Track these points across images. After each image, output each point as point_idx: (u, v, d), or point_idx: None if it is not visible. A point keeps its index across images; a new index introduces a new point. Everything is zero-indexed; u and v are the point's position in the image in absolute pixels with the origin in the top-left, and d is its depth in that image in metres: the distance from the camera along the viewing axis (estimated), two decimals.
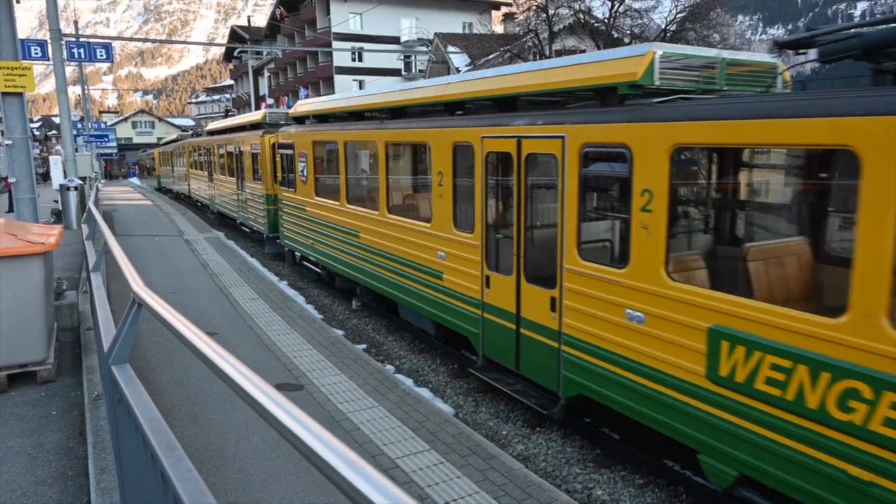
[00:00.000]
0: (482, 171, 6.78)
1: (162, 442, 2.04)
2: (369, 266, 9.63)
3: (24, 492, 4.52)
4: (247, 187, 17.20)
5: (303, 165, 11.99)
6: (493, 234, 6.81)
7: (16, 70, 9.82)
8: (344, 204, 10.36)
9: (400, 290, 8.80)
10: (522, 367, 6.45)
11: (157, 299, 2.80)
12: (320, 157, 11.83)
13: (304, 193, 12.04)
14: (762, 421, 4.08)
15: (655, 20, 29.71)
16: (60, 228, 7.65)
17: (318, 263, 12.22)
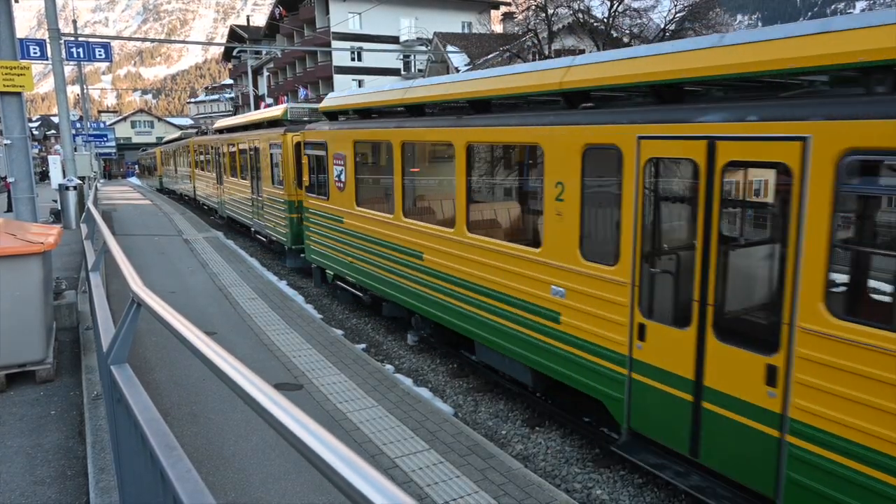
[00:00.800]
0: (637, 184, 5.01)
1: (161, 442, 2.03)
2: (436, 294, 7.76)
3: (22, 491, 4.51)
4: (264, 192, 15.28)
5: (339, 169, 9.97)
6: (653, 269, 5.10)
7: (14, 69, 9.81)
8: (400, 217, 8.40)
9: (481, 327, 6.98)
10: (704, 455, 4.69)
11: (156, 299, 2.80)
12: (364, 160, 10.05)
13: (341, 202, 9.99)
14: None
15: (654, 20, 29.74)
16: (59, 228, 7.64)
17: (358, 285, 10.17)
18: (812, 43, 3.95)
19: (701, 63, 4.60)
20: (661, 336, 4.90)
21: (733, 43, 4.43)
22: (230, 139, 18.88)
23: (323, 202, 10.77)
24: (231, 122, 20.52)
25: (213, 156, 21.97)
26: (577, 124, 5.62)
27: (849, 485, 3.75)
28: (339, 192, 10.12)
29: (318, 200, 11.03)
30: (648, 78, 5.01)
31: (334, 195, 10.31)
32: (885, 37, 3.58)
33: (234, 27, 68.02)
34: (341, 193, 10.06)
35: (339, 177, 10.07)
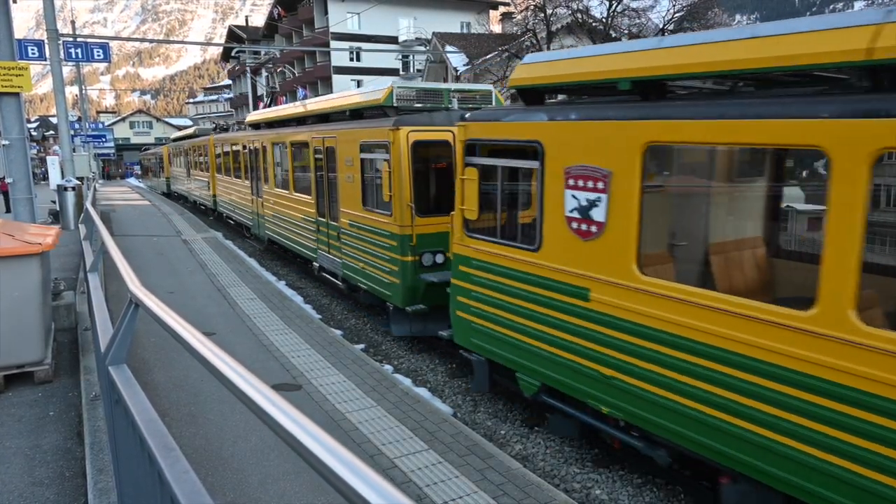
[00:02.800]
0: None
1: (159, 442, 2.03)
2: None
3: (21, 492, 4.51)
4: (345, 215, 10.15)
5: (585, 199, 5.25)
6: None
7: (13, 70, 9.80)
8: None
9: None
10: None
11: (155, 299, 2.80)
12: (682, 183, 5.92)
13: (586, 259, 5.29)
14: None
15: (653, 19, 29.76)
16: (58, 229, 7.64)
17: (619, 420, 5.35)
18: None
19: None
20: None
21: None
22: (278, 136, 13.84)
23: (523, 255, 5.88)
24: (280, 114, 14.71)
25: (246, 158, 16.97)
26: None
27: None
28: (575, 239, 5.36)
29: (506, 251, 6.10)
30: None
31: (559, 244, 5.50)
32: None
33: (233, 27, 68.01)
34: (586, 244, 5.27)
35: (583, 212, 5.29)
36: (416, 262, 8.45)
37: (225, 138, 20.42)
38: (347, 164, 9.86)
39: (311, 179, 11.76)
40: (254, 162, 16.19)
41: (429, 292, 8.38)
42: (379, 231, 9.00)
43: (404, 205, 8.37)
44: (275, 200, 14.45)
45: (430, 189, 8.81)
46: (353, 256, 10.01)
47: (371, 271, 9.40)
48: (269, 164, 14.70)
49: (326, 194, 11.02)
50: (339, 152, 10.19)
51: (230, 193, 19.71)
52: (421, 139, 8.45)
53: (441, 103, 9.18)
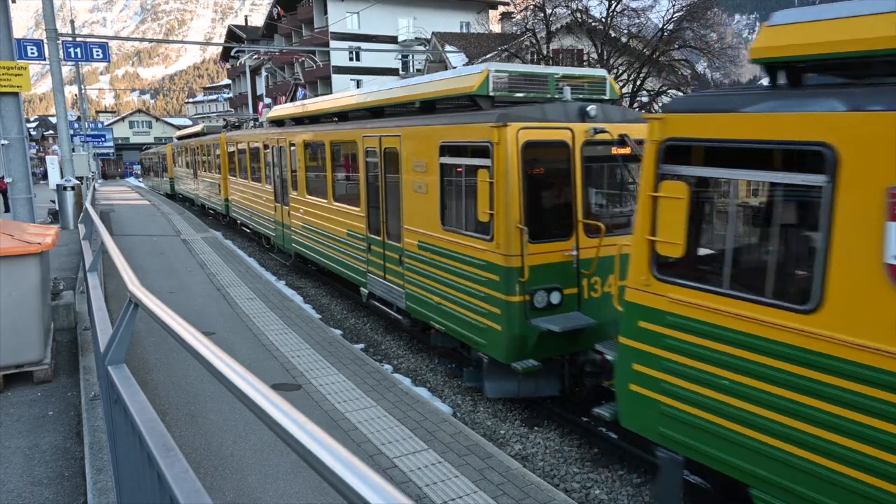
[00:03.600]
0: None
1: (158, 442, 2.03)
2: None
3: (20, 492, 4.50)
4: (415, 236, 7.98)
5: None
6: None
7: (12, 70, 9.79)
8: None
9: None
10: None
11: (154, 299, 2.80)
12: None
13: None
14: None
15: (653, 19, 29.77)
16: (57, 228, 7.63)
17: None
18: None
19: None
20: None
21: None
22: (311, 135, 11.72)
23: (780, 317, 3.77)
24: (313, 108, 12.35)
25: (267, 159, 14.80)
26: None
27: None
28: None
29: (739, 307, 4.00)
30: None
31: (865, 306, 3.41)
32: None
33: (233, 27, 68.01)
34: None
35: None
36: (525, 304, 6.26)
37: (240, 136, 18.08)
38: (418, 170, 7.71)
39: (359, 188, 9.52)
40: (278, 164, 13.89)
41: (541, 343, 6.33)
42: (470, 260, 6.81)
43: (511, 227, 6.21)
44: (306, 210, 12.15)
45: (546, 206, 6.81)
46: (425, 287, 7.80)
47: (454, 310, 7.18)
48: (298, 166, 12.36)
49: (382, 207, 8.80)
50: (404, 155, 8.03)
51: (246, 198, 17.44)
52: (535, 139, 6.37)
53: (545, 93, 7.17)
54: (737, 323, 3.99)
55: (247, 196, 17.35)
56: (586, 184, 6.68)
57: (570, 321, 6.29)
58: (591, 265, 6.54)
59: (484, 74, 6.93)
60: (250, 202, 17.02)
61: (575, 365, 6.70)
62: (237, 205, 18.90)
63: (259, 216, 16.22)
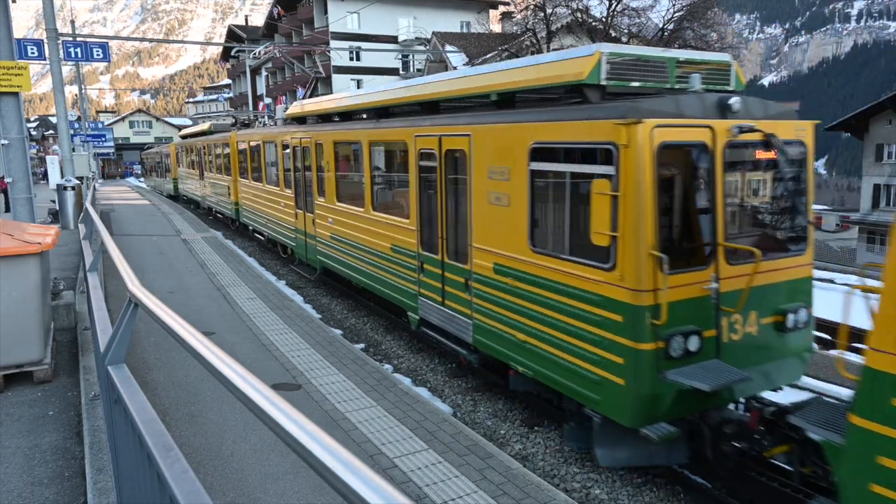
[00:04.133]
0: None
1: (158, 442, 2.03)
2: None
3: (20, 492, 4.50)
4: (489, 257, 6.67)
5: None
6: None
7: (12, 69, 9.79)
8: None
9: None
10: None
11: (154, 299, 2.80)
12: None
13: None
14: None
15: (653, 19, 29.77)
16: (57, 228, 7.63)
17: None
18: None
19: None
20: None
21: None
22: (343, 134, 10.51)
23: None
24: (345, 103, 10.84)
25: (287, 161, 13.29)
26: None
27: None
28: None
29: None
30: None
31: None
32: None
33: (233, 27, 68.04)
34: None
35: None
36: (659, 353, 4.95)
37: (253, 135, 16.60)
38: (496, 178, 6.38)
39: (409, 196, 8.18)
40: (300, 166, 12.41)
41: (676, 401, 5.07)
42: (576, 293, 5.43)
43: (643, 254, 4.88)
44: (337, 219, 10.70)
45: (681, 226, 5.55)
46: (502, 320, 6.41)
47: (548, 352, 5.79)
48: (327, 169, 10.96)
49: (441, 220, 7.52)
50: (474, 158, 6.71)
51: (261, 203, 15.95)
52: (672, 140, 5.05)
53: (664, 82, 5.82)
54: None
55: (261, 200, 15.86)
56: (727, 197, 5.40)
57: (720, 376, 4.89)
58: (737, 301, 5.15)
59: (595, 58, 5.44)
60: (265, 207, 15.49)
61: (708, 424, 5.27)
62: (249, 209, 17.45)
63: (276, 223, 14.66)
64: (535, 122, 5.89)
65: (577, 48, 5.75)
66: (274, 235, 15.13)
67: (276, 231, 14.75)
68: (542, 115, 5.88)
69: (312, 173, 11.69)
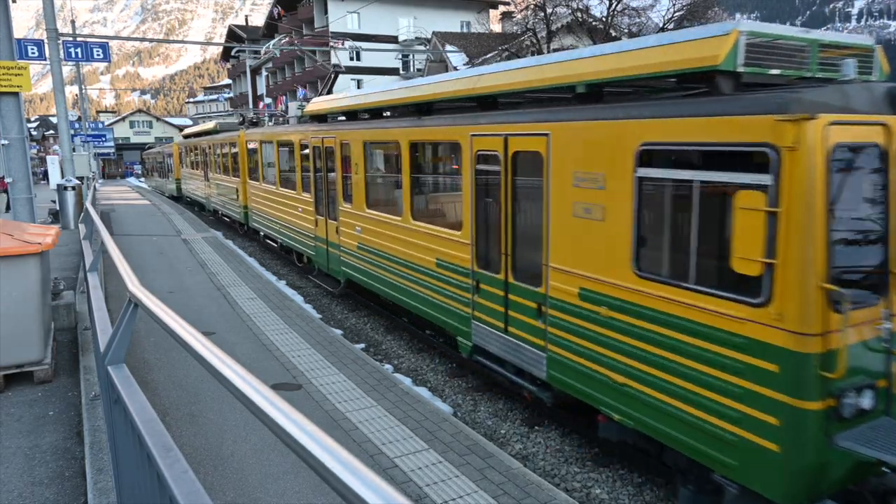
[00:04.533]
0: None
1: (157, 442, 2.03)
2: None
3: (20, 492, 4.50)
4: (571, 280, 5.63)
5: None
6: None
7: (12, 70, 9.79)
8: None
9: None
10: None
11: (153, 299, 2.79)
12: None
13: None
14: None
15: (653, 18, 29.76)
16: (57, 228, 7.63)
17: None
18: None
19: None
20: None
21: None
22: (373, 133, 9.45)
23: None
24: (377, 99, 9.61)
25: (305, 163, 12.35)
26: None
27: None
28: None
29: None
30: None
31: None
32: None
33: (233, 27, 68.04)
34: None
35: None
36: (829, 413, 4.00)
37: (265, 134, 15.55)
38: (584, 186, 5.33)
39: (462, 205, 7.11)
40: (322, 168, 11.38)
41: (844, 472, 4.20)
42: (708, 331, 4.41)
43: (811, 287, 3.92)
44: (367, 228, 9.61)
45: (851, 250, 4.47)
46: (592, 357, 5.35)
47: (663, 401, 4.76)
48: (356, 172, 9.86)
49: (505, 234, 6.41)
50: (554, 162, 5.65)
51: (273, 207, 14.84)
52: (847, 141, 4.13)
53: (805, 69, 4.81)
54: None
55: (274, 204, 14.71)
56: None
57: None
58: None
59: (732, 39, 4.42)
60: (279, 212, 14.34)
61: (872, 494, 4.47)
62: (260, 214, 16.27)
63: (292, 230, 13.51)
64: (645, 119, 4.81)
65: (701, 28, 4.78)
66: (288, 242, 13.99)
67: (292, 238, 13.63)
68: (656, 109, 4.81)
69: (337, 176, 10.70)
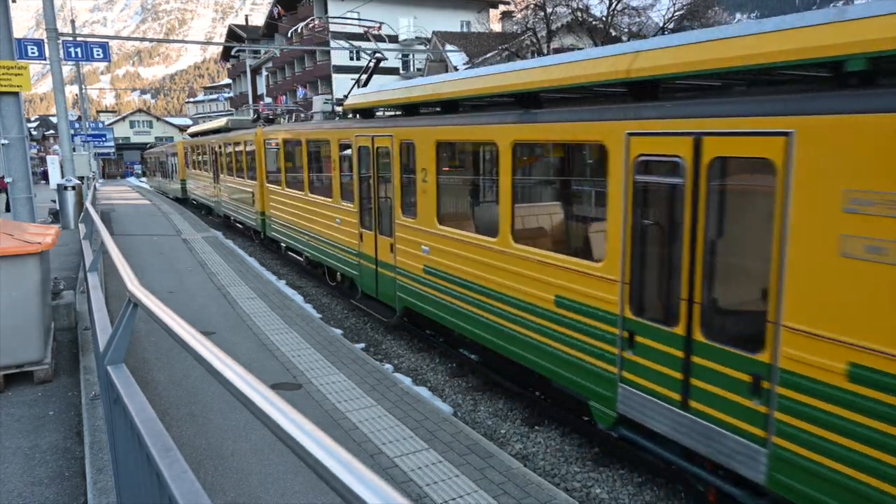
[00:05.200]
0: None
1: (157, 442, 2.03)
2: None
3: (20, 492, 4.50)
4: (860, 356, 3.63)
5: None
6: None
7: (12, 69, 9.79)
8: None
9: None
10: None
11: (153, 299, 2.79)
12: None
13: None
14: None
15: (653, 18, 29.77)
16: (57, 228, 7.63)
17: None
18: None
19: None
20: None
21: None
22: (474, 132, 7.35)
23: None
24: (456, 88, 7.62)
25: (350, 166, 10.41)
26: None
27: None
28: None
29: None
30: None
31: None
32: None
33: (233, 27, 68.03)
34: None
35: None
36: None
37: (291, 132, 13.55)
38: (870, 212, 3.59)
39: (609, 229, 5.36)
40: (369, 173, 9.50)
41: None
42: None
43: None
44: (437, 248, 7.84)
45: None
46: (863, 465, 3.68)
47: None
48: (422, 179, 8.01)
49: (689, 272, 4.68)
50: (799, 175, 3.90)
51: (300, 216, 12.90)
52: None
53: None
54: None
55: (301, 213, 12.76)
56: None
57: None
58: None
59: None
60: (308, 223, 12.37)
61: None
62: (281, 223, 14.20)
63: (325, 243, 11.57)
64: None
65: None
66: (319, 257, 12.02)
67: (326, 253, 11.60)
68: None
69: (393, 184, 8.72)
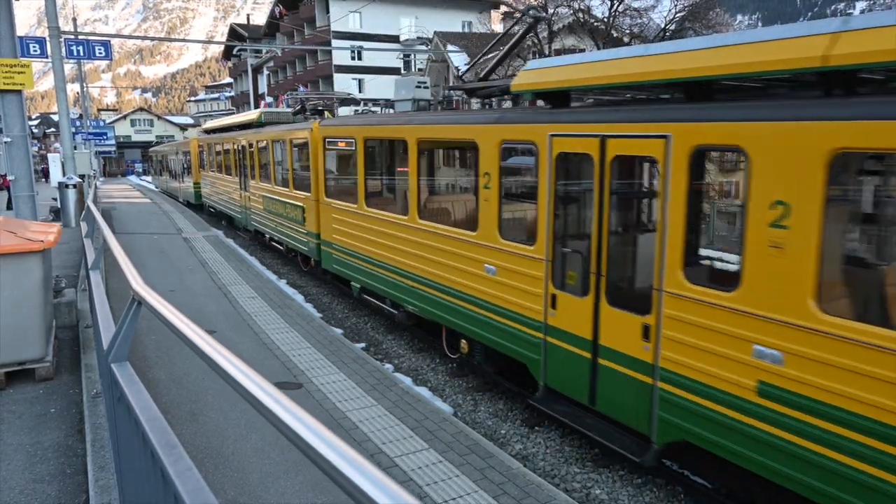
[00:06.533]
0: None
1: (161, 440, 2.04)
2: None
3: (22, 489, 4.51)
4: None
5: None
6: None
7: (14, 67, 9.81)
8: None
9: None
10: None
11: (157, 297, 2.80)
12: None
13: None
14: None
15: (655, 19, 29.76)
16: (59, 226, 7.64)
17: None
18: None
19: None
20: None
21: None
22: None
23: None
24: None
25: (550, 190, 5.83)
26: None
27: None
28: None
29: None
30: None
31: None
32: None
33: (235, 26, 68.09)
34: None
35: None
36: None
37: (377, 130, 9.46)
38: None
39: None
40: (598, 200, 5.38)
41: None
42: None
43: None
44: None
45: None
46: None
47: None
48: (787, 217, 3.92)
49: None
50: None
51: (396, 251, 8.68)
52: None
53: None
54: None
55: (396, 247, 8.66)
56: None
57: None
58: None
59: None
60: (415, 261, 8.19)
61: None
62: (352, 253, 10.10)
63: (454, 295, 7.44)
64: None
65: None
66: (442, 316, 7.83)
67: (460, 314, 7.41)
68: None
69: (670, 221, 4.74)
